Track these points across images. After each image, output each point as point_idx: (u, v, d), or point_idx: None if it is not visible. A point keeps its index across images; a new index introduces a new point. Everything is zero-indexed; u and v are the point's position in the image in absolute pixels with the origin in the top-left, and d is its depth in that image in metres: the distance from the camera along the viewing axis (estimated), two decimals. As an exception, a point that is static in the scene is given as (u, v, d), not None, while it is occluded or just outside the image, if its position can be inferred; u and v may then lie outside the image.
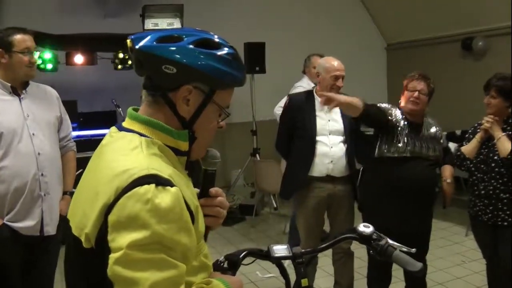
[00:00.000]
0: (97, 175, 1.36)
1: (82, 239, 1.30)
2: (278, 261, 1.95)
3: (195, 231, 1.34)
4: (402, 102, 3.64)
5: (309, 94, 4.09)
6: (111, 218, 1.23)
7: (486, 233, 3.69)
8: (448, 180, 3.74)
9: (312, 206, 3.97)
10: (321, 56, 5.11)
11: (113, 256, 1.21)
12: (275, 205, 7.37)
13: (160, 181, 1.25)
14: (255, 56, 7.62)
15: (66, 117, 3.46)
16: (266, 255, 1.94)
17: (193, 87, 1.39)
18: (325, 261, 4.54)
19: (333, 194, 3.95)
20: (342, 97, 3.44)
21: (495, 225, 3.58)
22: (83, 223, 1.31)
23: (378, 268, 3.74)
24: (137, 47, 1.38)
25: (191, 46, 1.39)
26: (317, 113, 3.94)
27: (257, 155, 7.70)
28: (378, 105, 3.64)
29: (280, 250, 1.94)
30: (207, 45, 1.41)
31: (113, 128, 1.48)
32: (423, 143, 3.56)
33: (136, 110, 1.47)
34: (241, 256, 1.87)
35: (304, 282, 1.92)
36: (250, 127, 8.02)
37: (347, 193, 4.01)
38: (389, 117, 3.55)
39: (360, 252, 4.20)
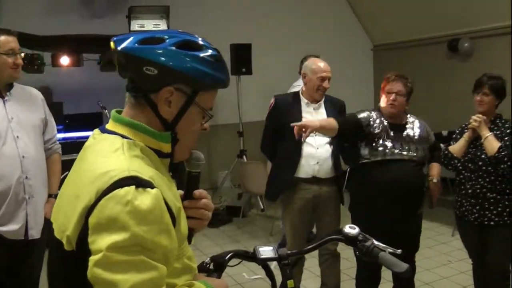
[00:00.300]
0: (79, 177, 1.36)
1: (64, 241, 1.29)
2: (264, 263, 1.95)
3: (177, 233, 1.34)
4: (382, 104, 3.65)
5: (295, 95, 4.08)
6: (92, 220, 1.22)
7: (472, 233, 3.71)
8: (435, 180, 3.74)
9: (297, 208, 3.96)
10: (318, 57, 5.10)
11: (93, 259, 1.20)
12: (262, 207, 7.37)
13: (140, 183, 1.25)
14: (241, 57, 7.62)
15: (51, 119, 3.43)
16: (252, 257, 1.94)
17: (175, 88, 1.38)
18: (312, 262, 4.54)
19: (318, 196, 3.94)
20: (315, 123, 3.45)
21: (482, 225, 3.60)
22: (64, 225, 1.30)
23: (368, 269, 3.72)
24: (119, 48, 1.37)
25: (173, 47, 1.38)
26: (304, 114, 3.93)
27: (244, 157, 7.69)
28: (356, 114, 3.67)
29: (266, 251, 1.94)
30: (189, 47, 1.41)
31: (96, 131, 1.47)
32: (405, 144, 3.56)
33: (119, 112, 1.47)
34: (227, 257, 1.86)
35: (290, 283, 1.92)
36: (236, 129, 8.01)
37: (333, 195, 4.00)
38: (368, 124, 3.58)
39: (347, 253, 4.20)
